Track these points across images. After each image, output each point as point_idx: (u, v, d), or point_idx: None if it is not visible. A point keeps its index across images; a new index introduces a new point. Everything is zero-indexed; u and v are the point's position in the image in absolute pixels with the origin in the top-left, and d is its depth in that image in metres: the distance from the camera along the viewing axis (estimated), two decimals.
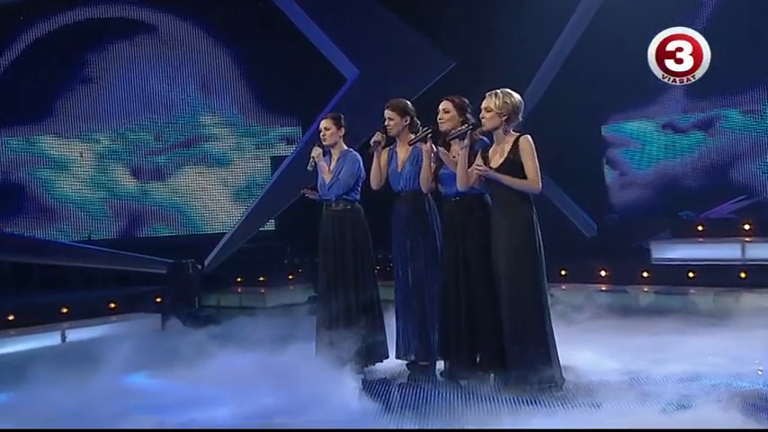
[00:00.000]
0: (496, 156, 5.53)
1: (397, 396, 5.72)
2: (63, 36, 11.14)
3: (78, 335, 8.57)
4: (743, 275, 8.71)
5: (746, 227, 9.32)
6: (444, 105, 5.90)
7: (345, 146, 6.56)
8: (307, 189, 6.64)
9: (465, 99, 5.92)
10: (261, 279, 10.76)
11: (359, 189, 6.49)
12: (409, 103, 6.32)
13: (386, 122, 6.25)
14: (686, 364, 5.94)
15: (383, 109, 6.28)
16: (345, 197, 6.42)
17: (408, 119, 6.24)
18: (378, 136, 6.26)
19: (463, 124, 5.77)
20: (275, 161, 11.95)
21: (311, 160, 6.51)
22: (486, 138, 5.71)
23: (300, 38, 11.22)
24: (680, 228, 10.04)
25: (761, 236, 9.21)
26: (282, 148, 12.33)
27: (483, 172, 5.45)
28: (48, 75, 11.06)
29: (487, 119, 5.50)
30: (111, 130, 11.52)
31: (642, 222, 10.89)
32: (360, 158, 6.49)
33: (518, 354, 5.38)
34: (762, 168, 10.76)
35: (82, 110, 11.36)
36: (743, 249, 9.07)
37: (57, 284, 10.04)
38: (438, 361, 6.03)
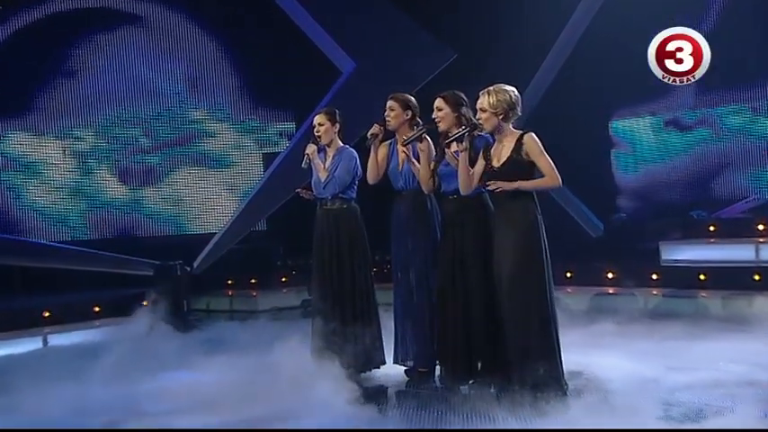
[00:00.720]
0: (498, 155, 5.50)
1: (395, 403, 5.74)
2: (44, 27, 11.12)
3: (61, 340, 8.59)
4: (757, 278, 8.68)
5: (761, 227, 9.27)
6: (437, 103, 5.89)
7: (341, 142, 6.58)
8: (302, 189, 6.65)
9: (459, 94, 5.90)
10: (252, 281, 10.72)
11: (355, 187, 6.50)
12: (413, 99, 6.32)
13: (386, 114, 6.24)
14: (702, 371, 5.95)
15: (381, 103, 6.29)
16: (341, 195, 6.44)
17: (410, 113, 6.25)
18: (375, 128, 6.27)
19: (458, 120, 5.77)
20: (267, 158, 11.89)
21: (305, 157, 6.51)
22: (487, 135, 5.65)
23: (293, 28, 11.18)
24: (691, 228, 10.02)
25: None
26: (275, 145, 12.32)
27: (500, 187, 5.38)
28: (26, 68, 11.03)
29: (484, 120, 5.47)
30: (92, 127, 11.49)
31: (651, 222, 10.90)
32: (356, 155, 6.51)
33: (521, 360, 5.37)
34: None
35: (62, 105, 11.34)
36: (757, 251, 9.03)
37: (38, 287, 10.00)
38: (437, 367, 6.05)
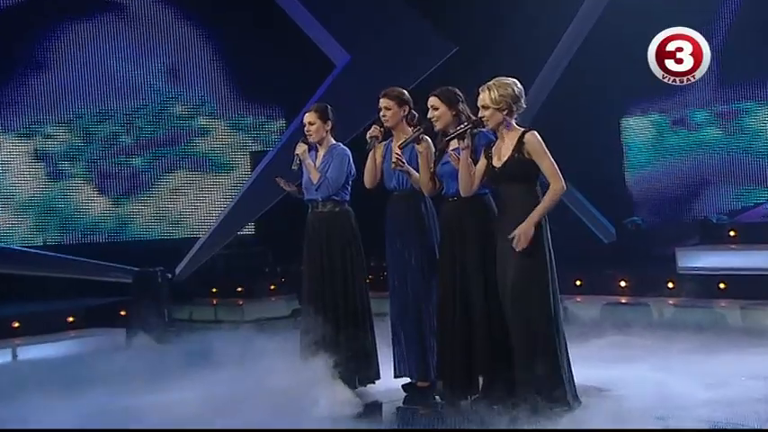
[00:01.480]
0: (499, 154, 5.51)
1: (393, 420, 5.72)
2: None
3: (31, 353, 8.54)
4: None
5: None
6: (431, 102, 5.89)
7: (333, 140, 6.54)
8: (282, 179, 6.59)
9: (454, 89, 5.89)
10: (238, 290, 10.74)
11: (348, 188, 6.47)
12: (406, 92, 6.30)
13: (381, 114, 6.22)
14: (720, 388, 5.88)
15: (376, 99, 6.25)
16: (334, 197, 6.41)
17: (406, 108, 6.23)
18: (374, 130, 6.23)
19: (456, 117, 5.76)
20: (255, 157, 11.89)
21: (296, 158, 6.47)
22: (488, 132, 5.64)
23: (283, 17, 11.18)
24: (709, 233, 10.00)
25: None
26: (263, 143, 12.28)
27: (521, 242, 5.31)
28: None
29: (487, 117, 5.48)
30: (63, 122, 11.39)
31: (667, 227, 10.86)
32: (349, 153, 6.48)
33: (526, 374, 5.34)
34: None
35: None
36: None
37: (6, 296, 9.93)
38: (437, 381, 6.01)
